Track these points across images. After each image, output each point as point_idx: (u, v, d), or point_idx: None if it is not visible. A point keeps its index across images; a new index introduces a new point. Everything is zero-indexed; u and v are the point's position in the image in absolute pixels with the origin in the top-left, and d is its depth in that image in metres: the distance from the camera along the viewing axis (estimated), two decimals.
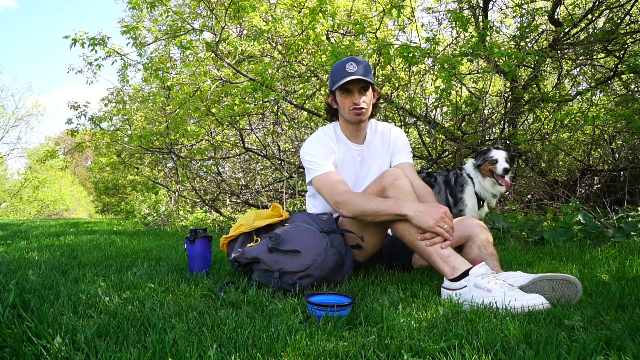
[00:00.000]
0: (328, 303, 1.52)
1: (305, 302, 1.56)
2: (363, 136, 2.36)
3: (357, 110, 2.20)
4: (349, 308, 1.53)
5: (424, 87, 5.66)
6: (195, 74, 5.89)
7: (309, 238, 1.94)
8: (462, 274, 1.70)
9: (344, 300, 1.60)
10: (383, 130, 2.41)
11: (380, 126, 2.43)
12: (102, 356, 1.17)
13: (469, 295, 1.65)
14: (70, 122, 6.34)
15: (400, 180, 1.94)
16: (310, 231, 1.98)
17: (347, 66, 2.16)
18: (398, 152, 2.40)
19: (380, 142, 2.38)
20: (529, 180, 5.45)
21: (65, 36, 4.92)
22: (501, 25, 6.04)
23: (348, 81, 2.13)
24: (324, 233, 1.97)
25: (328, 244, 1.92)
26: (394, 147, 2.40)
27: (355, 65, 2.15)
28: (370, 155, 2.36)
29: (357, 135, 2.34)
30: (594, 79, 5.48)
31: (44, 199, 23.41)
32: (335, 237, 1.99)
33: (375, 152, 2.37)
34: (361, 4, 6.46)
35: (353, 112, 2.20)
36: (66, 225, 7.35)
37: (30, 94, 38.02)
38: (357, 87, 2.18)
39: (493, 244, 2.04)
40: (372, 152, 2.37)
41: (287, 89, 5.70)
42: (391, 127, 2.44)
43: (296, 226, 2.05)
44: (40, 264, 2.61)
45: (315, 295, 1.66)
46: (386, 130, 2.41)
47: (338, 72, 2.18)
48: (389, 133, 2.41)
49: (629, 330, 1.31)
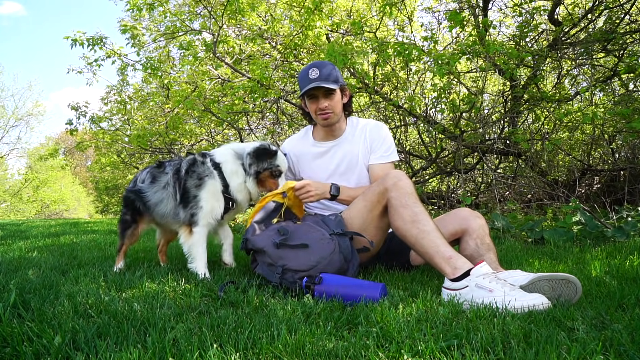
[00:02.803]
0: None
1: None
2: (340, 134, 2.45)
3: (323, 114, 2.33)
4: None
5: (423, 86, 5.66)
6: (194, 73, 5.89)
7: (318, 239, 1.95)
8: (463, 274, 1.70)
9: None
10: (363, 125, 2.46)
11: (362, 123, 2.48)
12: (102, 356, 1.17)
13: (469, 295, 1.65)
14: (70, 123, 6.34)
15: (402, 182, 1.96)
16: (320, 232, 1.99)
17: (309, 72, 2.28)
18: (377, 150, 2.39)
19: (359, 134, 2.43)
20: (529, 180, 5.45)
21: (65, 36, 4.94)
22: (501, 25, 6.04)
23: (311, 87, 2.26)
24: (334, 235, 1.98)
25: (336, 249, 1.93)
26: (371, 143, 2.41)
27: (317, 71, 2.27)
28: (344, 143, 2.43)
29: (334, 135, 2.45)
30: (594, 79, 5.48)
31: (44, 199, 23.40)
32: (344, 242, 1.99)
33: (352, 141, 2.42)
34: (361, 3, 6.46)
35: (320, 117, 2.35)
36: (66, 225, 7.35)
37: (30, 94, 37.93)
38: (320, 92, 2.30)
39: (489, 234, 2.06)
40: (347, 141, 2.43)
41: (286, 88, 5.70)
42: (370, 121, 2.49)
43: (307, 225, 2.07)
44: (40, 264, 2.61)
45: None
46: (365, 124, 2.46)
47: (302, 79, 2.33)
48: (366, 125, 2.45)
49: (629, 330, 1.31)
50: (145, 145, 6.09)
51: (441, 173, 5.67)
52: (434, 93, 4.92)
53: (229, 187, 2.28)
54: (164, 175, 2.38)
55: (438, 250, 1.78)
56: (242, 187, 2.30)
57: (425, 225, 1.85)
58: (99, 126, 6.63)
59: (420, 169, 5.76)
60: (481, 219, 2.10)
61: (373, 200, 2.04)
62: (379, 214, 2.05)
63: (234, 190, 2.28)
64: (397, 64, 5.58)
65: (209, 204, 2.24)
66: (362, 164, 2.40)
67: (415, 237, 1.85)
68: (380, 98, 5.23)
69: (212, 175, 2.27)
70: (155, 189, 2.38)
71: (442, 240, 1.82)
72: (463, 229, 2.09)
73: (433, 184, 6.42)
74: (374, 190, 2.05)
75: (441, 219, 2.18)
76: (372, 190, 2.06)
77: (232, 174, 2.28)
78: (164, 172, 2.40)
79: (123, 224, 2.51)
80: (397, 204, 1.93)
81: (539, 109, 5.25)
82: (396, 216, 1.93)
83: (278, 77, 5.55)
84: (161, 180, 2.38)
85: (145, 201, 2.40)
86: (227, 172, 2.29)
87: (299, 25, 5.16)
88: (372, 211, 2.05)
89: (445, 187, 6.20)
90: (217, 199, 2.27)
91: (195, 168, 2.29)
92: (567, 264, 2.37)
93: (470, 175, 6.00)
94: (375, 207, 2.04)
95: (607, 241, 3.07)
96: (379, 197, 2.01)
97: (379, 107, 5.55)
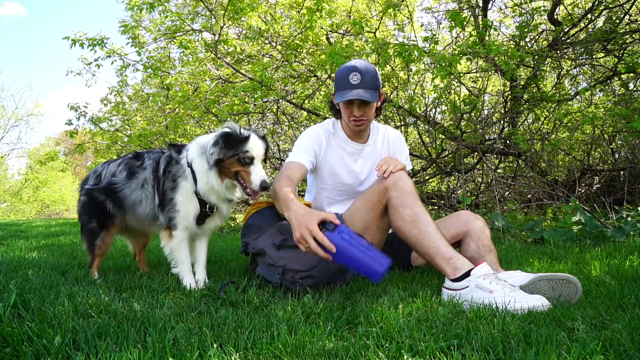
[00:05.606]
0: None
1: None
2: (366, 136, 2.37)
3: (357, 122, 2.21)
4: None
5: (423, 86, 5.66)
6: (194, 73, 5.90)
7: None
8: (463, 275, 1.70)
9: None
10: (383, 132, 2.44)
11: (381, 129, 2.45)
12: (102, 356, 1.17)
13: (469, 296, 1.65)
14: (70, 123, 6.35)
15: (403, 181, 1.94)
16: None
17: (350, 76, 2.10)
18: (398, 155, 2.41)
19: (380, 143, 2.41)
20: (529, 180, 5.45)
21: (65, 37, 4.94)
22: (501, 25, 6.04)
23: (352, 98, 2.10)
24: None
25: None
26: (395, 150, 2.42)
27: (359, 77, 2.09)
28: (372, 154, 2.38)
29: (360, 136, 2.35)
30: (594, 79, 5.48)
31: (44, 199, 23.39)
32: None
33: (377, 152, 2.39)
34: (361, 4, 6.46)
35: (353, 123, 2.21)
36: (66, 225, 7.34)
37: (30, 94, 37.98)
38: (358, 100, 2.14)
39: (490, 238, 2.07)
40: (374, 152, 2.38)
41: (286, 88, 5.70)
42: (388, 128, 2.48)
43: None
44: (40, 264, 2.61)
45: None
46: (385, 132, 2.44)
47: (341, 81, 2.15)
48: (388, 134, 2.43)
49: (628, 330, 1.31)
50: (146, 145, 6.09)
51: (441, 173, 5.67)
52: (434, 94, 4.92)
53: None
54: (142, 171, 2.08)
55: (439, 250, 1.78)
56: (208, 185, 1.96)
57: (426, 225, 1.84)
58: (99, 126, 6.63)
59: (421, 169, 5.76)
60: (482, 222, 2.11)
61: (373, 200, 2.02)
62: (379, 214, 2.03)
63: (202, 191, 1.98)
64: (397, 64, 5.58)
65: (185, 208, 2.00)
66: None
67: (416, 237, 1.84)
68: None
69: (184, 176, 2.01)
70: (133, 186, 2.08)
71: (442, 241, 1.81)
72: (464, 231, 2.10)
73: (433, 184, 6.42)
74: (373, 190, 2.03)
75: (442, 222, 2.18)
76: (372, 190, 2.05)
77: (200, 173, 1.98)
78: (142, 167, 2.09)
79: (89, 235, 2.16)
80: (398, 204, 1.91)
81: (539, 109, 5.25)
82: (396, 216, 1.92)
83: (279, 78, 5.55)
84: (139, 176, 2.08)
85: (121, 199, 2.10)
86: (197, 172, 1.98)
87: (300, 25, 5.17)
88: (373, 210, 2.03)
89: (445, 187, 6.20)
90: (191, 201, 2.00)
91: (171, 168, 2.03)
92: (567, 264, 2.37)
93: (470, 175, 6.00)
94: (376, 206, 2.02)
95: (607, 241, 3.07)
96: (379, 196, 2.00)
97: (383, 109, 5.54)
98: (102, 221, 2.15)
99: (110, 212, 2.15)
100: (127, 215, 2.16)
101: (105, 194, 2.12)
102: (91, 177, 2.21)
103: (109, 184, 2.11)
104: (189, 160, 2.00)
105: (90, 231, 2.16)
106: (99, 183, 2.14)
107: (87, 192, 2.18)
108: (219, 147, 1.88)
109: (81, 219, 2.22)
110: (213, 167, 1.89)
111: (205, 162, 1.93)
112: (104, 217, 2.15)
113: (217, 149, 1.88)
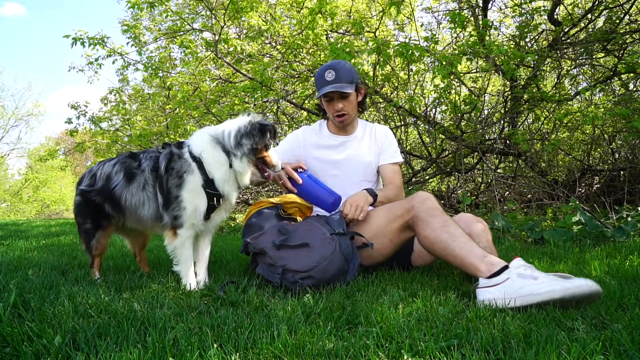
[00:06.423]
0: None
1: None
2: (352, 131, 2.53)
3: (339, 117, 2.40)
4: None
5: (423, 86, 5.66)
6: (195, 73, 5.90)
7: (319, 238, 1.96)
8: (500, 269, 1.70)
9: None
10: (371, 127, 2.58)
11: (370, 125, 2.60)
12: (102, 356, 1.17)
13: (512, 288, 1.62)
14: (70, 122, 6.35)
15: (431, 201, 2.01)
16: (321, 231, 2.00)
17: (325, 74, 2.32)
18: (387, 151, 2.51)
19: (367, 134, 2.54)
20: (529, 180, 5.45)
21: (65, 35, 4.92)
22: (501, 25, 6.04)
23: (328, 91, 2.30)
24: (335, 235, 1.99)
25: (336, 249, 1.93)
26: (382, 145, 2.51)
27: (333, 73, 2.31)
28: (357, 141, 2.50)
29: (345, 131, 2.52)
30: (594, 79, 5.48)
31: (44, 199, 23.39)
32: (344, 242, 2.00)
33: (363, 140, 2.51)
34: (361, 3, 6.46)
35: (336, 119, 2.41)
36: (66, 225, 7.34)
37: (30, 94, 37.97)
38: (336, 94, 2.34)
39: (491, 240, 2.11)
40: (360, 140, 2.51)
41: (286, 88, 5.70)
42: (378, 125, 2.61)
43: (309, 223, 2.08)
44: (40, 264, 2.61)
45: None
46: (373, 127, 2.58)
47: (318, 80, 2.38)
48: (375, 128, 2.57)
49: (628, 330, 1.31)
50: (146, 145, 6.10)
51: (441, 173, 5.66)
52: (434, 94, 4.92)
53: (214, 181, 1.98)
54: (141, 173, 2.05)
55: (472, 250, 1.80)
56: (229, 175, 1.99)
57: (455, 229, 1.89)
58: (99, 126, 6.63)
59: (421, 169, 5.75)
60: (483, 224, 2.15)
61: (397, 214, 2.08)
62: (397, 228, 2.08)
63: (220, 182, 1.98)
64: (397, 64, 5.58)
65: (192, 204, 1.97)
66: (369, 162, 2.48)
67: (446, 241, 1.86)
68: (381, 98, 5.23)
69: (190, 171, 1.97)
70: (133, 190, 2.05)
71: (474, 242, 1.85)
72: (466, 233, 2.11)
73: (433, 184, 6.42)
74: (401, 205, 2.09)
75: None
76: (399, 205, 2.11)
77: (215, 164, 1.97)
78: (140, 169, 2.05)
79: (85, 236, 2.16)
80: (425, 216, 1.96)
81: (539, 109, 5.25)
82: (424, 226, 1.95)
83: (279, 77, 5.55)
84: (138, 178, 2.05)
85: (121, 203, 2.06)
86: (209, 163, 1.97)
87: (300, 25, 5.17)
88: (392, 223, 2.09)
89: (445, 187, 6.20)
90: (200, 196, 1.98)
91: (174, 164, 1.99)
92: (567, 264, 2.38)
93: (470, 175, 6.00)
94: (397, 219, 2.07)
95: (607, 241, 3.07)
96: (404, 212, 2.05)
97: (378, 107, 5.54)
98: (97, 221, 2.14)
99: (106, 213, 2.12)
100: (128, 218, 2.13)
101: (103, 197, 2.09)
102: (86, 176, 2.18)
103: (107, 188, 2.08)
104: (197, 153, 1.98)
105: (85, 232, 2.16)
106: (94, 184, 2.12)
107: (81, 193, 2.16)
108: (256, 137, 1.98)
109: (77, 220, 2.21)
110: (249, 155, 1.98)
111: (221, 153, 1.97)
112: (99, 217, 2.13)
113: (254, 138, 1.98)
